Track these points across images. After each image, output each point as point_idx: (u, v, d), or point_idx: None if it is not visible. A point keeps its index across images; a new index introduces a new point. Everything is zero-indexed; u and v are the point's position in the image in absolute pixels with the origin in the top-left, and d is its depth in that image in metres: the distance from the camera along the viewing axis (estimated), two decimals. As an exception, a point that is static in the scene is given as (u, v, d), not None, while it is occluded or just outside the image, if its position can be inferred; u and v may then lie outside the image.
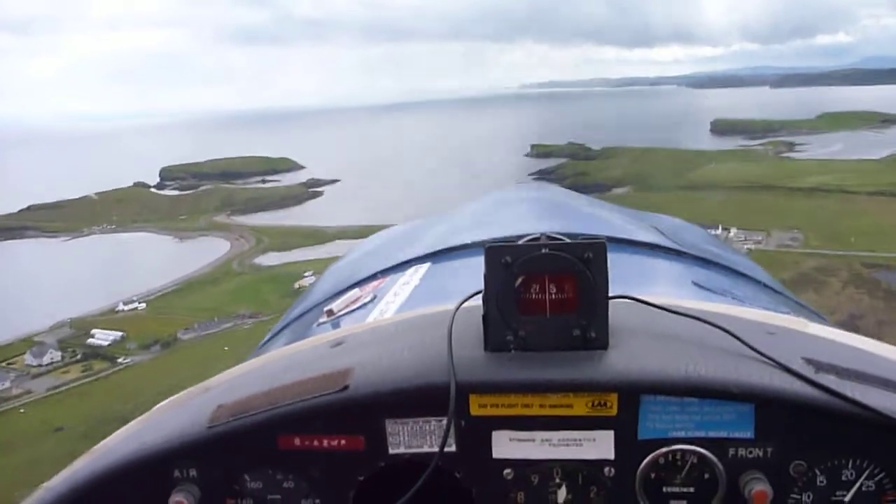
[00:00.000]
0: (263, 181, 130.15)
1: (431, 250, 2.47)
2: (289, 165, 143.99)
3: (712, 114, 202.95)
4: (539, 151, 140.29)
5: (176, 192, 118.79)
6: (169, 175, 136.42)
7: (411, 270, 2.31)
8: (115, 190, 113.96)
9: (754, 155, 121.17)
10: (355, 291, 2.29)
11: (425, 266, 2.35)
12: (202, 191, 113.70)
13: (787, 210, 77.13)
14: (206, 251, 77.70)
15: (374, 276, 2.42)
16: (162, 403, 1.49)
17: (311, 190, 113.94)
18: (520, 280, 1.25)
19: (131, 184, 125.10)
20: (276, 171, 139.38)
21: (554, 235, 1.31)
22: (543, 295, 1.25)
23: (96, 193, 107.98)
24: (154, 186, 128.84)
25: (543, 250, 1.25)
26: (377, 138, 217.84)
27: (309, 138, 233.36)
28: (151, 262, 73.70)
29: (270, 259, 73.66)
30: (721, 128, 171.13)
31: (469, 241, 2.41)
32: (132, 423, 1.45)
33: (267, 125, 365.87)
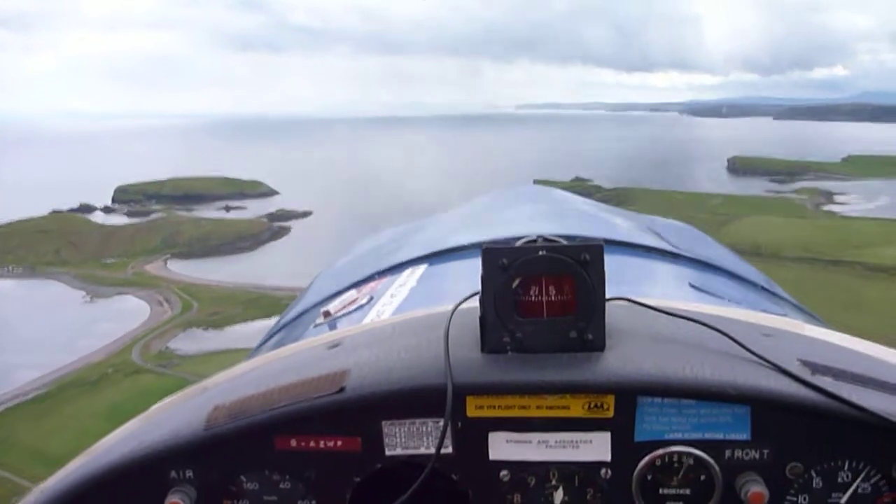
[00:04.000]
0: (227, 208, 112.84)
1: (428, 252, 2.50)
2: (259, 189, 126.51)
3: (723, 146, 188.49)
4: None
5: (122, 220, 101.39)
6: (123, 196, 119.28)
7: (408, 272, 2.35)
8: (53, 213, 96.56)
9: (791, 206, 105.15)
10: (352, 293, 2.32)
11: (422, 268, 2.39)
12: (149, 221, 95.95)
13: (879, 306, 57.32)
14: (114, 320, 58.78)
15: (370, 278, 2.45)
16: (158, 404, 1.49)
17: (276, 224, 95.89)
18: (517, 282, 1.25)
19: (77, 204, 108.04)
20: (244, 196, 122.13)
21: (551, 237, 1.29)
22: (540, 297, 1.25)
23: (17, 221, 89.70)
24: (102, 209, 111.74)
25: (540, 252, 1.24)
26: (364, 157, 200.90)
27: (293, 152, 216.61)
28: (34, 337, 54.00)
29: (191, 341, 54.15)
30: (740, 167, 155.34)
31: (466, 243, 2.45)
32: (128, 423, 1.44)
33: (256, 133, 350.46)
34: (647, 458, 1.22)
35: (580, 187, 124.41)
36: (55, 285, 70.52)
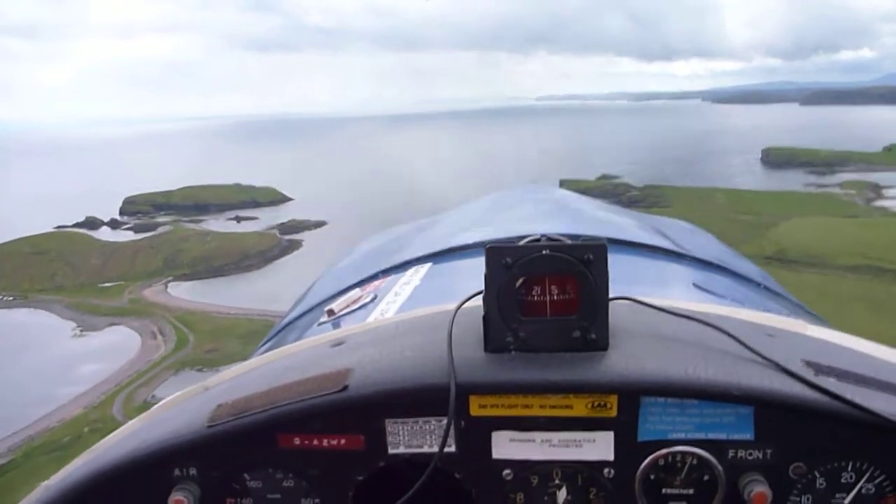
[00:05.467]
0: (237, 219, 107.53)
1: (432, 251, 2.53)
2: (272, 197, 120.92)
3: (752, 136, 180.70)
4: (570, 189, 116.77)
5: (127, 236, 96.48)
6: (131, 207, 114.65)
7: (412, 271, 2.37)
8: (56, 230, 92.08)
9: (839, 203, 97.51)
10: (356, 291, 2.34)
11: (426, 266, 2.41)
12: (154, 237, 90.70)
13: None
14: (102, 359, 52.34)
15: (374, 276, 2.48)
16: (162, 402, 1.51)
17: (287, 238, 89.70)
18: (520, 281, 1.25)
19: (83, 218, 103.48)
20: (256, 204, 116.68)
21: (554, 237, 1.31)
22: (544, 296, 1.26)
23: (16, 240, 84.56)
24: (108, 223, 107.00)
25: (544, 251, 1.25)
26: (382, 158, 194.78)
27: (309, 154, 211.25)
28: (9, 385, 46.82)
29: (182, 387, 46.69)
30: (775, 159, 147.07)
31: (470, 242, 2.48)
32: (132, 421, 1.46)
33: (274, 134, 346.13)
34: (650, 458, 1.23)
35: (608, 186, 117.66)
36: (45, 316, 64.50)
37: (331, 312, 2.13)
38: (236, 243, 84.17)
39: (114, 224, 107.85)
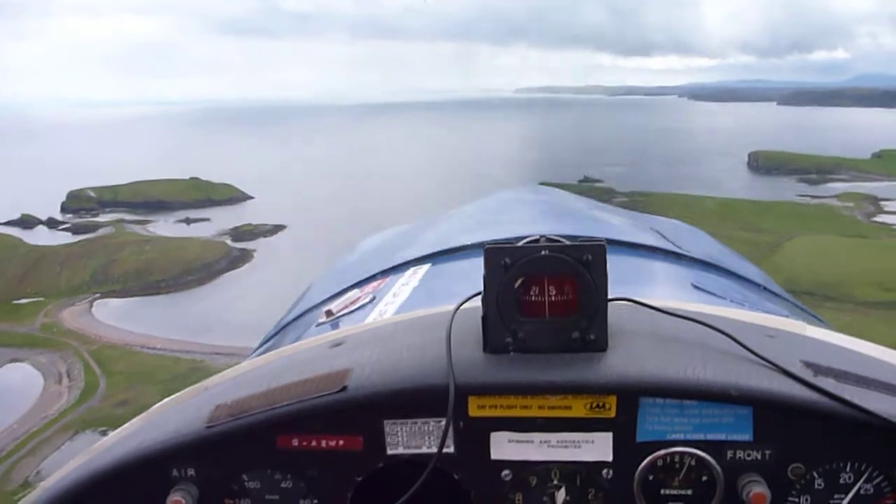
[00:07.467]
0: (187, 221, 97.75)
1: (431, 251, 2.53)
2: (230, 195, 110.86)
3: (735, 137, 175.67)
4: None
5: (64, 237, 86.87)
6: (74, 203, 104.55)
7: (410, 271, 2.37)
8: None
9: (838, 217, 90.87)
10: (355, 292, 2.35)
11: (425, 267, 2.41)
12: (90, 240, 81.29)
13: None
14: None
15: (373, 277, 2.48)
16: (160, 403, 1.50)
17: (238, 247, 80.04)
18: (519, 282, 1.25)
19: (18, 215, 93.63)
20: (212, 202, 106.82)
21: (553, 237, 1.30)
22: (543, 297, 1.26)
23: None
24: (45, 222, 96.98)
25: (543, 252, 1.25)
26: (357, 151, 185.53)
27: (279, 144, 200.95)
28: None
29: (75, 454, 37.67)
30: (762, 163, 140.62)
31: (468, 243, 2.48)
32: (130, 422, 1.45)
33: (247, 121, 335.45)
34: (648, 459, 1.23)
35: (591, 191, 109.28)
36: (-65, 344, 54.44)
37: (329, 313, 2.14)
38: (179, 252, 74.33)
39: (51, 223, 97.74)
